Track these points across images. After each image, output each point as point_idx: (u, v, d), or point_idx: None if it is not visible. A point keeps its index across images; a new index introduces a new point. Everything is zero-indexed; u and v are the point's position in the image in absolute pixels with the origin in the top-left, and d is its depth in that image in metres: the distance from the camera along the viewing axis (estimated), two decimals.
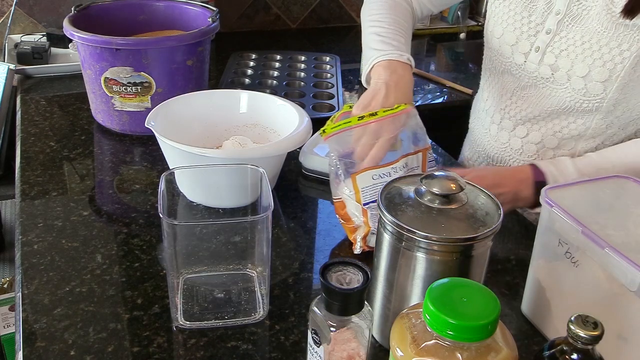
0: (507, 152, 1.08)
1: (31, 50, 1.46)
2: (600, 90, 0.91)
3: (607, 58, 0.88)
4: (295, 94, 1.40)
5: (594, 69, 0.90)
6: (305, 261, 0.88)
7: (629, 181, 0.75)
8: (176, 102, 1.04)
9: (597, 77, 0.90)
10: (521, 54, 0.99)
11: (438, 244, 0.61)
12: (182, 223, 0.82)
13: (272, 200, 0.71)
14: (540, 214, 0.73)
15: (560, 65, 0.94)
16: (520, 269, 0.86)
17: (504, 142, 1.08)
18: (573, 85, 0.93)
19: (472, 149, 1.19)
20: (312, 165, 1.07)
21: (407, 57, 0.96)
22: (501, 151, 1.09)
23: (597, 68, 0.89)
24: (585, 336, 0.53)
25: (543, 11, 0.96)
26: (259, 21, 1.94)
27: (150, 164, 1.11)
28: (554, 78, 0.95)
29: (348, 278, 0.57)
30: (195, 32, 1.16)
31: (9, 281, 1.61)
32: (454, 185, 0.64)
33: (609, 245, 0.63)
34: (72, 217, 0.93)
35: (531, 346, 0.73)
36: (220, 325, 0.74)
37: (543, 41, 0.95)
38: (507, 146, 1.07)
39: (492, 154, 1.11)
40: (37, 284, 0.79)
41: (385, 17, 1.04)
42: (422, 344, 0.51)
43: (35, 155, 1.11)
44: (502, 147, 1.09)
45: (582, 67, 0.91)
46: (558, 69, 0.94)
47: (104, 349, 0.70)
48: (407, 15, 1.08)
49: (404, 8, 1.09)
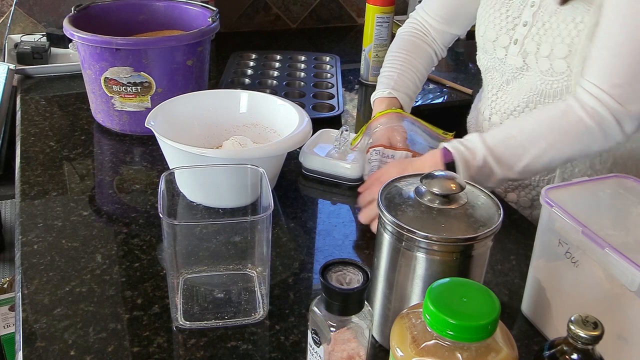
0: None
1: (31, 50, 1.46)
2: (564, 68, 0.93)
3: (565, 34, 0.92)
4: (295, 94, 1.40)
5: (555, 46, 0.93)
6: (305, 261, 0.88)
7: (629, 181, 0.75)
8: (176, 102, 1.04)
9: (559, 54, 0.93)
10: (502, 48, 1.02)
11: (438, 244, 0.61)
12: (182, 223, 0.82)
13: (272, 200, 0.71)
14: (540, 214, 0.73)
15: (529, 50, 0.97)
16: (520, 269, 0.86)
17: None
18: (540, 67, 0.96)
19: None
20: (312, 165, 1.07)
21: (388, 92, 1.10)
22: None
23: (558, 45, 0.93)
24: (585, 336, 0.53)
25: (519, 5, 0.99)
26: (259, 21, 1.94)
27: (150, 164, 1.11)
28: (526, 64, 0.98)
29: (348, 278, 0.57)
30: (195, 32, 1.16)
31: (9, 281, 1.61)
32: (454, 185, 0.64)
33: (609, 245, 0.63)
34: (72, 217, 0.93)
35: (531, 346, 0.73)
36: (220, 325, 0.74)
37: (521, 34, 0.98)
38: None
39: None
40: (37, 284, 0.79)
41: (395, 55, 1.16)
42: (422, 344, 0.51)
43: (35, 155, 1.11)
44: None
45: (546, 48, 0.94)
46: (527, 55, 0.97)
47: (104, 349, 0.70)
48: (420, 53, 1.17)
49: (420, 48, 1.17)
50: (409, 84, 1.13)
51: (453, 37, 1.20)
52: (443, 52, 1.21)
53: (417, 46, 1.17)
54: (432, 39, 1.18)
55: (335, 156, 1.07)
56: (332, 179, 1.06)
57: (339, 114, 1.30)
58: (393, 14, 1.47)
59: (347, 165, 1.05)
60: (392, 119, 1.04)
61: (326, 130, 1.16)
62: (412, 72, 1.14)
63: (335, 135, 1.12)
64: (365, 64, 1.52)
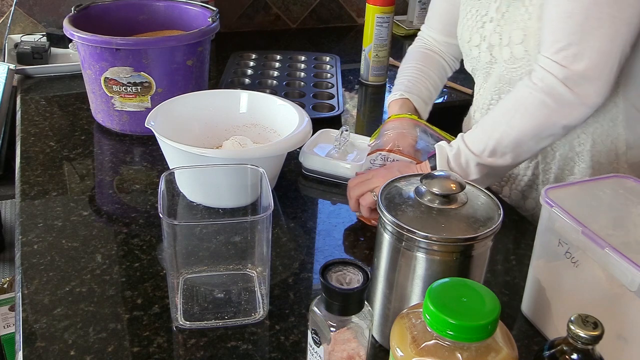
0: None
1: (31, 50, 1.46)
2: (522, 53, 0.94)
3: (519, 19, 0.93)
4: (295, 94, 1.40)
5: (512, 33, 0.94)
6: (305, 261, 0.88)
7: (629, 181, 0.75)
8: (176, 102, 1.04)
9: (516, 40, 0.94)
10: (475, 47, 1.03)
11: (438, 244, 0.61)
12: (182, 223, 0.82)
13: (272, 200, 0.71)
14: (540, 214, 0.73)
15: (494, 43, 0.98)
16: (520, 269, 0.86)
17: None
18: (504, 57, 0.97)
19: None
20: (312, 165, 1.07)
21: (400, 94, 1.12)
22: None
23: (514, 32, 0.94)
24: (585, 336, 0.53)
25: (486, 2, 1.01)
26: (259, 21, 1.94)
27: (150, 164, 1.11)
28: (493, 57, 0.99)
29: (348, 278, 0.57)
30: (195, 32, 1.16)
31: (9, 281, 1.61)
32: (454, 185, 0.64)
33: (609, 245, 0.63)
34: (72, 217, 0.93)
35: (531, 346, 0.73)
36: (220, 325, 0.74)
37: (488, 30, 0.99)
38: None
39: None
40: (37, 284, 0.79)
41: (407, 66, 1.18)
42: (422, 344, 0.51)
43: (35, 155, 1.11)
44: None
45: (505, 37, 0.95)
46: (493, 48, 0.99)
47: (104, 349, 0.70)
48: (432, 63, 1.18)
49: (432, 58, 1.19)
50: (422, 89, 1.13)
51: (459, 48, 1.20)
52: (455, 63, 1.22)
53: (428, 57, 1.19)
54: (440, 51, 1.20)
55: (335, 156, 1.08)
56: (332, 179, 1.06)
57: (339, 114, 1.30)
58: (393, 14, 1.47)
59: (347, 165, 1.05)
60: (404, 124, 1.04)
61: (326, 130, 1.16)
62: (425, 80, 1.15)
63: (335, 135, 1.12)
64: (365, 64, 1.52)
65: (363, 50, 1.51)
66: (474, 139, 0.89)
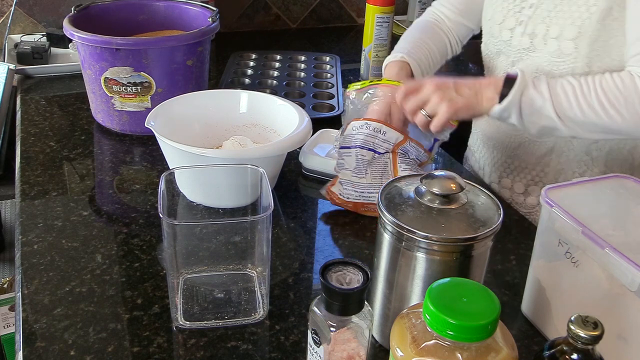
0: (500, 127, 1.10)
1: (31, 50, 1.46)
2: (572, 49, 0.93)
3: (576, 16, 0.92)
4: (295, 94, 1.40)
5: (565, 27, 0.93)
6: (305, 261, 0.88)
7: (629, 181, 0.75)
8: (176, 102, 1.04)
9: (568, 36, 0.93)
10: (507, 30, 1.02)
11: (438, 244, 0.61)
12: (182, 223, 0.82)
13: (272, 200, 0.71)
14: (540, 214, 0.73)
15: (537, 32, 0.97)
16: (520, 269, 0.86)
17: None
18: (548, 49, 0.96)
19: (473, 135, 1.22)
20: (312, 165, 1.07)
21: (401, 56, 1.09)
22: (495, 127, 1.12)
23: (568, 27, 0.93)
24: (585, 336, 0.53)
25: None
26: (259, 21, 1.94)
27: (150, 164, 1.11)
28: (533, 45, 0.98)
29: (348, 278, 0.57)
30: (195, 32, 1.16)
31: (9, 281, 1.61)
32: (454, 185, 0.64)
33: (609, 245, 0.63)
34: (72, 217, 0.93)
35: (531, 346, 0.73)
36: (220, 325, 0.74)
37: (527, 15, 0.99)
38: (499, 122, 1.08)
39: (488, 131, 1.14)
40: (37, 284, 0.79)
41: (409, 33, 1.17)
42: (422, 344, 0.51)
43: (35, 155, 1.11)
44: (496, 124, 1.10)
45: (555, 29, 0.94)
46: (536, 36, 0.98)
47: (104, 349, 0.70)
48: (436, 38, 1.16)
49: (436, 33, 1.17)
50: (422, 58, 1.11)
51: (468, 30, 1.19)
52: (458, 46, 1.19)
53: (432, 31, 1.16)
54: (448, 29, 1.17)
55: (335, 156, 1.07)
56: (332, 179, 1.06)
57: (339, 114, 1.30)
58: (393, 14, 1.47)
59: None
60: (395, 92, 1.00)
61: (326, 130, 1.16)
62: (425, 49, 1.13)
63: (335, 135, 1.11)
64: (365, 64, 1.52)
65: (363, 50, 1.51)
66: (562, 99, 0.87)
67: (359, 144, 0.96)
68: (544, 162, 1.04)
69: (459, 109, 0.90)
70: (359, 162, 0.95)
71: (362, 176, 0.95)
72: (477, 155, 1.19)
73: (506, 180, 1.11)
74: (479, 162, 1.18)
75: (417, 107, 0.92)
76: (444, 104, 0.90)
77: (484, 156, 1.17)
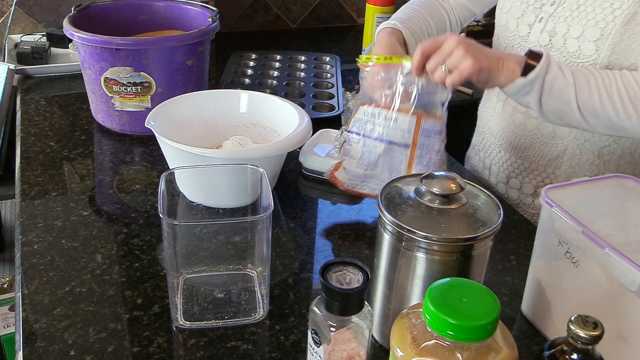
0: (510, 127, 1.09)
1: (31, 50, 1.46)
2: (592, 51, 0.92)
3: (600, 17, 0.91)
4: (295, 94, 1.40)
5: (587, 29, 0.92)
6: (305, 261, 0.88)
7: (629, 181, 0.75)
8: (176, 102, 1.04)
9: (590, 37, 0.92)
10: (526, 25, 1.01)
11: (438, 244, 0.61)
12: (182, 223, 0.82)
13: (272, 200, 0.71)
14: (540, 214, 0.73)
15: (558, 30, 0.96)
16: (520, 269, 0.86)
17: (507, 119, 1.09)
18: (568, 48, 0.95)
19: (478, 134, 1.20)
20: (312, 165, 1.07)
21: (394, 23, 1.06)
22: (505, 127, 1.10)
23: (590, 28, 0.92)
24: (585, 336, 0.53)
25: None
26: (259, 21, 1.94)
27: (150, 164, 1.11)
28: (552, 44, 0.97)
29: (348, 278, 0.57)
30: (195, 32, 1.16)
31: (9, 281, 1.61)
32: (454, 185, 0.64)
33: (609, 245, 0.63)
34: (72, 217, 0.93)
35: (531, 346, 0.73)
36: (220, 325, 0.74)
37: (547, 12, 0.98)
38: (510, 122, 1.08)
39: (497, 131, 1.12)
40: (37, 284, 0.79)
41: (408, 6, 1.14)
42: (422, 344, 0.51)
43: (35, 155, 1.11)
44: (506, 124, 1.09)
45: (577, 29, 0.94)
46: (555, 34, 0.97)
47: (104, 349, 0.70)
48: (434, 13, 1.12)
49: (436, 9, 1.13)
50: (415, 27, 1.07)
51: (470, 14, 1.16)
52: (457, 26, 1.15)
53: (435, 8, 1.13)
54: (450, 7, 1.15)
55: (335, 156, 1.07)
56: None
57: (339, 114, 1.30)
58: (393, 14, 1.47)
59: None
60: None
61: (326, 130, 1.16)
62: (422, 21, 1.09)
63: (335, 135, 1.11)
64: None
65: (363, 50, 1.51)
66: (584, 86, 0.85)
67: (371, 134, 0.91)
68: (555, 164, 1.04)
69: (483, 68, 0.84)
70: (367, 153, 0.92)
71: (370, 168, 0.92)
72: (482, 155, 1.18)
73: (515, 180, 1.10)
74: (484, 161, 1.17)
75: (439, 63, 0.85)
76: (469, 58, 0.83)
77: (490, 155, 1.15)
